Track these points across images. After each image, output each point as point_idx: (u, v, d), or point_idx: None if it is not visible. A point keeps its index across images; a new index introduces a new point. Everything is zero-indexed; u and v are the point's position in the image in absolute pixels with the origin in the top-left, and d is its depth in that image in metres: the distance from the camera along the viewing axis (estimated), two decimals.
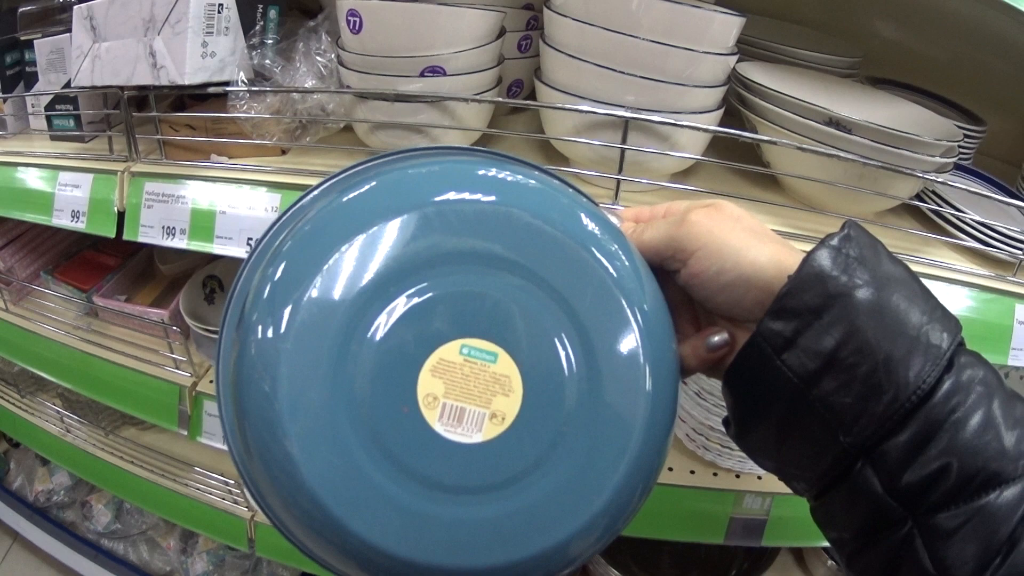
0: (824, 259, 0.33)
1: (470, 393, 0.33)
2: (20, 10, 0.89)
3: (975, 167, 0.85)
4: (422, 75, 0.64)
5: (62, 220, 0.81)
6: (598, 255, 0.35)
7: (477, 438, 0.33)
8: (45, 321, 1.04)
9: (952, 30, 0.98)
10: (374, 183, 0.35)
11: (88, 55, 0.77)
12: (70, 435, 1.18)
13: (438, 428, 0.33)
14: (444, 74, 0.64)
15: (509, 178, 0.36)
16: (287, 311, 0.33)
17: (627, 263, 0.35)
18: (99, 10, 0.75)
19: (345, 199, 0.35)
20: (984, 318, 0.66)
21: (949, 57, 1.00)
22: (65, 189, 0.81)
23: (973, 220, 0.67)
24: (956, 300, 0.65)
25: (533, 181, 0.36)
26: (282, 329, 0.32)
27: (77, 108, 0.85)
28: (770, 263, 0.35)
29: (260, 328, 0.33)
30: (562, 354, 0.34)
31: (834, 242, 0.34)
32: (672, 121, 0.60)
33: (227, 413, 0.37)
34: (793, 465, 0.37)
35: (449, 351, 0.33)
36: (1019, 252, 0.66)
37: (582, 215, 0.36)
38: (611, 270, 0.35)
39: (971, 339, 0.64)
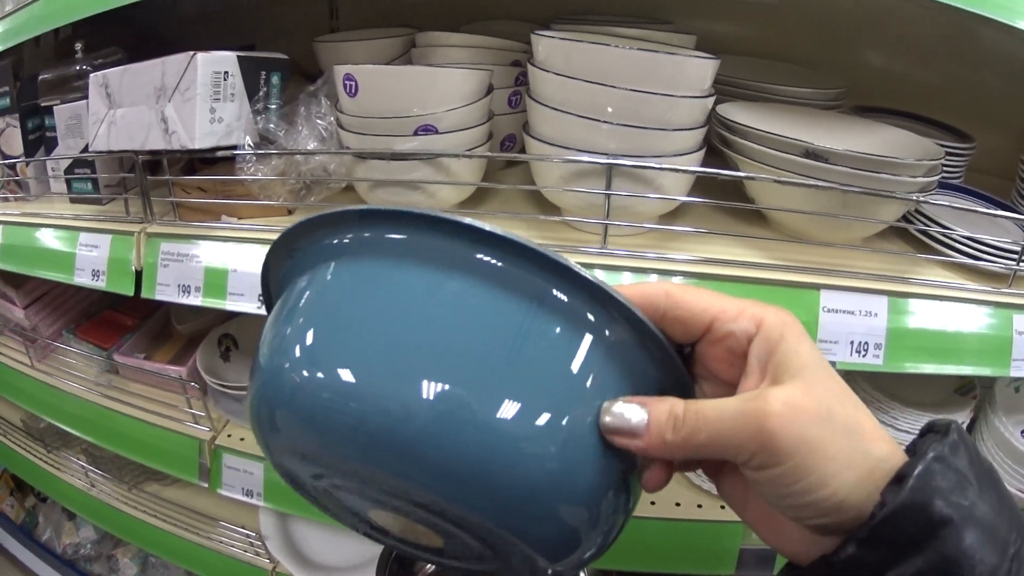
0: (935, 479, 0.28)
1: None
2: (40, 77, 0.93)
3: (967, 184, 0.85)
4: (416, 134, 0.68)
5: (83, 279, 0.85)
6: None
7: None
8: (68, 377, 1.07)
9: (943, 50, 1.00)
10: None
11: (104, 121, 0.81)
12: (95, 489, 1.21)
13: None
14: (437, 132, 0.68)
15: None
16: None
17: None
18: (114, 78, 0.79)
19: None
20: (983, 332, 0.66)
21: (940, 78, 1.01)
22: (85, 249, 0.85)
23: (961, 236, 0.68)
24: (954, 318, 0.66)
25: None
26: None
27: (94, 172, 0.89)
28: (856, 489, 0.29)
29: None
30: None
31: (943, 451, 0.29)
32: (653, 165, 0.63)
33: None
34: None
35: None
36: (1012, 263, 0.67)
37: None
38: None
39: (971, 354, 0.66)
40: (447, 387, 0.29)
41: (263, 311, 0.76)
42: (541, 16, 0.86)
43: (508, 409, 0.29)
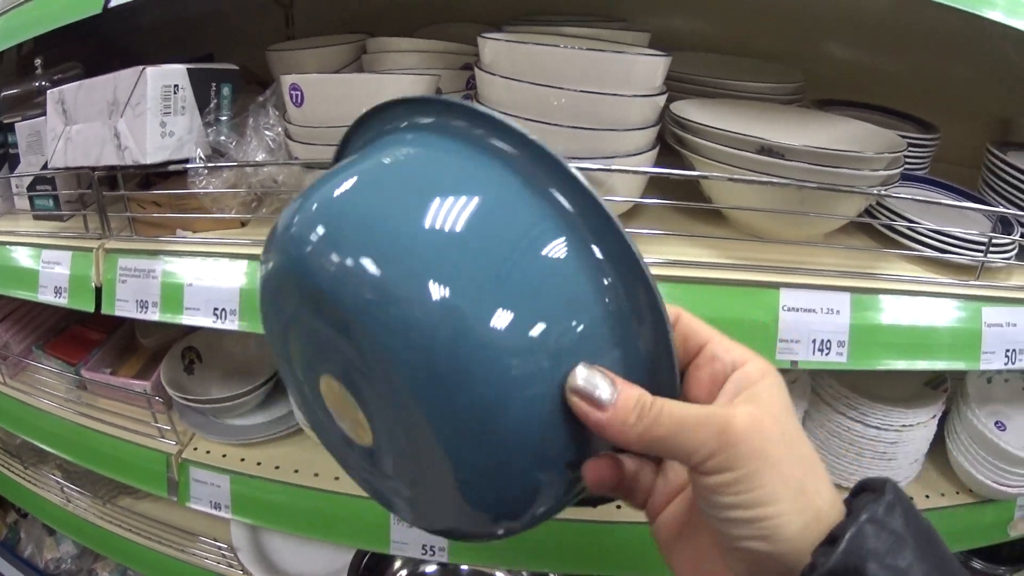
0: (868, 541, 0.28)
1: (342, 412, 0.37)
2: (2, 93, 0.93)
3: (933, 176, 0.85)
4: None
5: (47, 296, 0.85)
6: None
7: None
8: (40, 394, 1.06)
9: (906, 41, 0.99)
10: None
11: (61, 137, 0.81)
12: (71, 505, 1.20)
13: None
14: None
15: None
16: None
17: None
18: (69, 94, 0.78)
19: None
20: (952, 325, 0.66)
21: (904, 69, 1.01)
22: (48, 267, 0.85)
23: (926, 229, 0.68)
24: (921, 312, 0.65)
25: None
26: None
27: (55, 188, 0.88)
28: (800, 535, 0.29)
29: None
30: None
31: (878, 512, 0.29)
32: (602, 167, 0.62)
33: None
34: None
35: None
36: (979, 255, 0.66)
37: None
38: None
39: (940, 349, 0.65)
40: (456, 276, 0.29)
41: (219, 325, 0.76)
42: (498, 18, 0.85)
43: (502, 319, 0.29)
